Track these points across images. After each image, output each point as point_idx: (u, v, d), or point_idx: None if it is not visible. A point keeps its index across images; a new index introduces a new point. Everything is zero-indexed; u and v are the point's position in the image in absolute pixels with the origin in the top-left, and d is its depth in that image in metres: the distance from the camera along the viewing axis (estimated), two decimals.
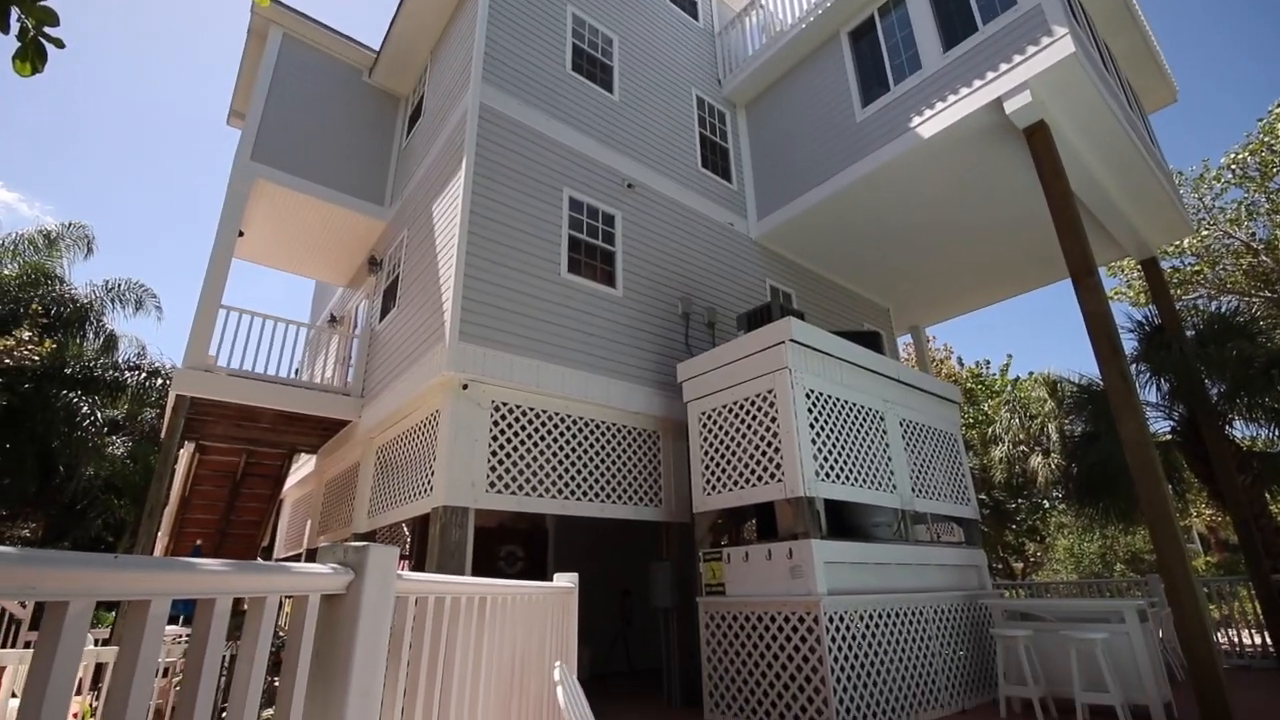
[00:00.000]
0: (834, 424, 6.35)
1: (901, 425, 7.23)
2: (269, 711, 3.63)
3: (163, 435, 7.69)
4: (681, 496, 7.43)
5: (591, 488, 6.85)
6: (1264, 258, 15.10)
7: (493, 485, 6.12)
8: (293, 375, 9.05)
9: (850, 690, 5.26)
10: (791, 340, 6.23)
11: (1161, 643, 6.98)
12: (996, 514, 17.27)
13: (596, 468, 6.97)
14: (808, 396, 6.20)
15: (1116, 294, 17.03)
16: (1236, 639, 8.68)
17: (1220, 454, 8.49)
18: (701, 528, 6.73)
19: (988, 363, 21.33)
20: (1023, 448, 14.90)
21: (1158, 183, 8.23)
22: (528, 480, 6.38)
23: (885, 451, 6.83)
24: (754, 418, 6.35)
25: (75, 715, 4.92)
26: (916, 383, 7.70)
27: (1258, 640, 8.48)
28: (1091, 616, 6.14)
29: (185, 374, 7.35)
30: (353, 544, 1.46)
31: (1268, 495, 9.56)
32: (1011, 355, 23.48)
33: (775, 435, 6.06)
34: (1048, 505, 18.64)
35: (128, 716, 0.93)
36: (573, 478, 6.73)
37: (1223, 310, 10.08)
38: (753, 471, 6.22)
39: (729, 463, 6.51)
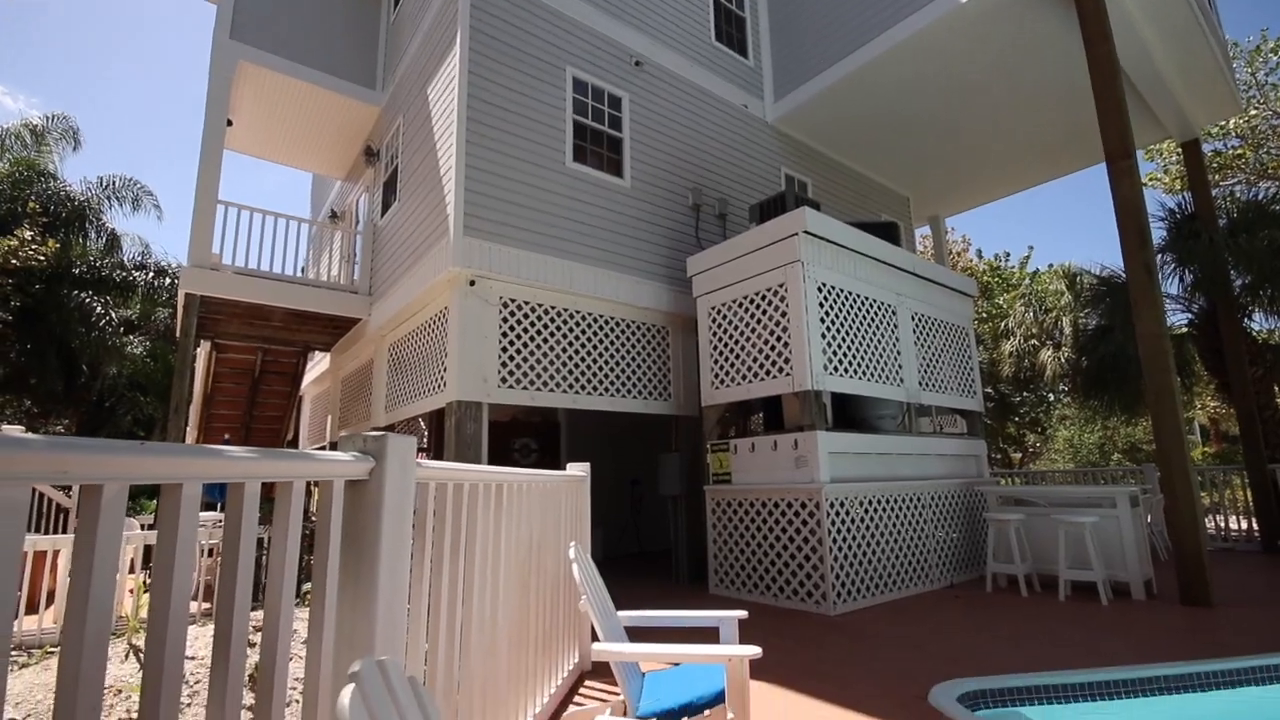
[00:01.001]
0: (845, 318, 6.30)
1: (913, 319, 7.17)
2: (308, 585, 3.93)
3: (177, 334, 7.78)
4: (690, 390, 7.56)
5: (602, 382, 6.96)
6: None
7: (504, 381, 6.23)
8: (299, 273, 8.99)
9: (847, 567, 5.61)
10: (805, 232, 6.04)
11: (1149, 526, 7.30)
12: (1001, 406, 17.57)
13: (606, 363, 7.05)
14: (819, 290, 6.11)
15: (1151, 179, 16.23)
16: (1223, 524, 9.06)
17: (1235, 346, 8.44)
18: (709, 420, 6.90)
19: (1007, 255, 20.84)
20: (1034, 342, 14.87)
21: (1211, 52, 7.56)
22: (539, 375, 6.48)
23: (895, 345, 6.82)
24: (764, 312, 6.30)
25: (131, 591, 5.38)
26: (931, 276, 7.55)
27: (1244, 525, 8.86)
28: (1085, 502, 6.38)
29: (191, 273, 7.32)
30: (372, 433, 1.49)
31: (1276, 387, 9.60)
32: (1033, 247, 22.78)
33: (785, 330, 6.04)
34: (1052, 398, 18.89)
35: (173, 588, 1.00)
36: (583, 373, 6.83)
37: (1259, 197, 9.62)
38: (761, 365, 6.27)
39: (738, 357, 6.55)
